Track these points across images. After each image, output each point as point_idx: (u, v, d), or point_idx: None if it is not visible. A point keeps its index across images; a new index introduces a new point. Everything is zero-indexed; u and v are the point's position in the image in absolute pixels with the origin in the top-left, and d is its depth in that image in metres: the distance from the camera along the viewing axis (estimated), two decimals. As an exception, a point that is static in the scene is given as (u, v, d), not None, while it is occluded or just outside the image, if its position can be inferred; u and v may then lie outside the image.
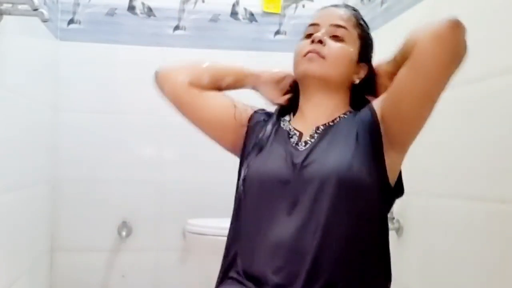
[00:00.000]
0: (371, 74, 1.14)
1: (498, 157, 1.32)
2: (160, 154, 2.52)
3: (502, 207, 1.30)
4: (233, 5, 2.57)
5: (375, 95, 1.13)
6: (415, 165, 1.33)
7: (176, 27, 2.53)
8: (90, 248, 2.46)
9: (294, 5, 2.60)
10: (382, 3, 2.09)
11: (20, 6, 1.49)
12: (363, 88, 1.15)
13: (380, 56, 1.15)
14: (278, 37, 2.58)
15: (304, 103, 1.15)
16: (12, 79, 1.69)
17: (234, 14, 2.57)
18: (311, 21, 1.15)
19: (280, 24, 2.59)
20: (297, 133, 1.11)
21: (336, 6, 1.17)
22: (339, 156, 1.01)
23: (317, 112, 1.12)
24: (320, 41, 1.08)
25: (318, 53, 1.08)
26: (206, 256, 2.18)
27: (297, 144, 1.09)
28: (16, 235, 1.79)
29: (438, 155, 1.58)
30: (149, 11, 2.51)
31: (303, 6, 2.59)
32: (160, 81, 1.19)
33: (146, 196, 2.50)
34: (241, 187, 1.09)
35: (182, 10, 2.54)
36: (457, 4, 1.52)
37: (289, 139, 1.10)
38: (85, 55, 2.45)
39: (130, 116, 2.50)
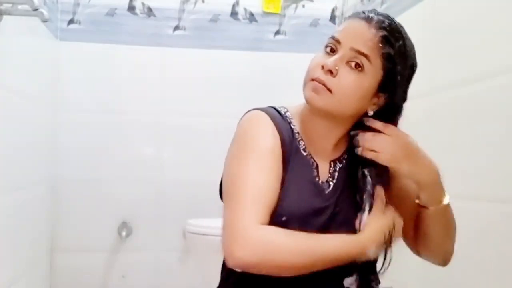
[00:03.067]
0: (391, 104, 1.01)
1: (499, 157, 1.32)
2: (160, 154, 2.52)
3: (504, 207, 1.30)
4: (233, 5, 2.57)
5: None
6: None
7: (176, 27, 2.54)
8: (90, 248, 2.46)
9: (294, 5, 2.60)
10: (382, 3, 2.09)
11: (20, 6, 1.49)
12: (377, 117, 1.01)
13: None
14: (278, 37, 2.58)
15: (311, 125, 1.05)
16: (12, 79, 1.69)
17: (234, 14, 2.57)
18: (334, 32, 1.00)
19: (280, 24, 2.59)
20: (314, 164, 1.04)
21: (369, 19, 0.97)
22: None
23: (324, 138, 1.05)
24: (331, 71, 0.95)
25: (325, 85, 0.96)
26: (206, 256, 2.18)
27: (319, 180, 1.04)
28: (16, 235, 1.79)
29: (439, 155, 1.58)
30: (149, 11, 2.51)
31: (303, 6, 2.59)
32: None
33: (146, 196, 2.50)
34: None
35: (182, 10, 2.54)
36: (457, 4, 1.52)
37: (312, 169, 1.03)
38: (85, 55, 2.46)
39: (130, 116, 2.50)
